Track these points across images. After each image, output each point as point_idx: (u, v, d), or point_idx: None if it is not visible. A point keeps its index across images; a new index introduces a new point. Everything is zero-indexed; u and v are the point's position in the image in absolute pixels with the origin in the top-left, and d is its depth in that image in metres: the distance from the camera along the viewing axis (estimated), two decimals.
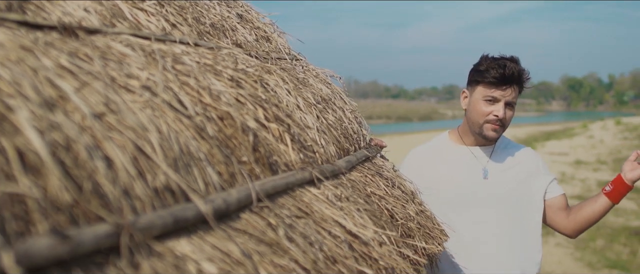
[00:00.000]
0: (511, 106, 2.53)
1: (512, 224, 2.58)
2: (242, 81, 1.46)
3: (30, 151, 0.76)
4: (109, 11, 1.39)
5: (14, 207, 0.68)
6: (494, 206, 2.58)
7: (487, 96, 2.50)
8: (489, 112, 2.51)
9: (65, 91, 0.90)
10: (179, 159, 1.01)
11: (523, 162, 2.70)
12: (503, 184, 2.61)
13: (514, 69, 2.47)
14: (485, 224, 2.56)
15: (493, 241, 2.55)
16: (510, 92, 2.49)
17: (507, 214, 2.58)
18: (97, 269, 0.73)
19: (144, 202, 0.88)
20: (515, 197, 2.61)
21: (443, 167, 2.68)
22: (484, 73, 2.50)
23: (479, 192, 2.60)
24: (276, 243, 1.07)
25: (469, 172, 2.64)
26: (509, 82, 2.47)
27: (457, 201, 2.60)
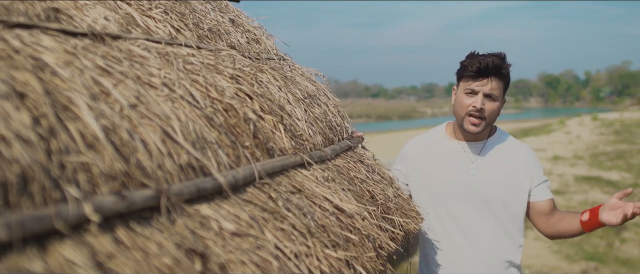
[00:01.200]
0: (491, 97, 2.55)
1: (494, 221, 2.64)
2: (240, 79, 1.68)
3: (89, 133, 0.98)
4: (124, 19, 1.61)
5: (84, 174, 0.91)
6: (477, 202, 2.63)
7: (467, 89, 2.57)
8: (468, 105, 2.56)
9: (107, 87, 1.12)
10: (196, 142, 1.23)
11: (513, 160, 2.71)
12: (489, 181, 2.65)
13: (491, 61, 2.52)
14: (468, 219, 2.64)
15: (473, 237, 2.62)
16: (488, 83, 2.53)
17: (491, 211, 2.63)
18: (145, 222, 0.95)
19: (173, 175, 1.10)
20: (500, 195, 2.64)
21: (434, 160, 2.75)
22: (464, 68, 2.58)
23: (464, 187, 2.65)
24: (276, 212, 1.30)
25: (457, 166, 2.69)
26: (485, 74, 2.51)
27: (443, 194, 2.67)
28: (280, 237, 1.22)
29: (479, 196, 2.63)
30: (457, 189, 2.66)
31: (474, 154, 2.71)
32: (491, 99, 2.56)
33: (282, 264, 1.13)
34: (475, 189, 2.64)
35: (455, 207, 2.65)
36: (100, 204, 0.86)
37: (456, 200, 2.65)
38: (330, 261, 1.33)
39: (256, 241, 1.13)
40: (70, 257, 0.75)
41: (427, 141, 2.87)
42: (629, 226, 13.67)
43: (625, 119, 40.50)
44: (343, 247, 1.42)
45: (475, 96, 2.55)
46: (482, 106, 2.54)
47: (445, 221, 2.67)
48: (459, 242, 2.64)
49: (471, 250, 2.63)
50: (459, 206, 2.65)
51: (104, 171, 0.93)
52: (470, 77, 2.55)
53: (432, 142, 2.84)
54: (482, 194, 2.63)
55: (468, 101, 2.57)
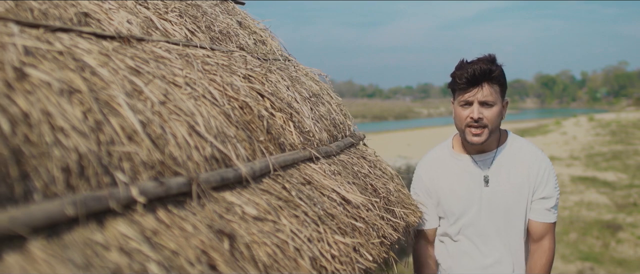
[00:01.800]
0: (487, 104, 2.49)
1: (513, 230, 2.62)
2: (252, 78, 1.81)
3: (128, 126, 1.10)
4: (145, 23, 1.73)
5: (128, 162, 1.03)
6: (495, 215, 2.61)
7: (461, 101, 2.52)
8: (465, 117, 2.52)
9: (139, 85, 1.25)
10: (217, 136, 1.36)
11: (526, 171, 2.63)
12: (503, 192, 2.61)
13: (478, 69, 2.46)
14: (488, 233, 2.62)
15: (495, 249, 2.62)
16: (479, 91, 2.47)
17: (509, 221, 2.61)
18: (180, 205, 1.08)
19: (200, 165, 1.23)
20: (516, 204, 2.61)
21: (447, 179, 2.69)
22: (454, 81, 2.54)
23: (479, 200, 2.61)
24: (290, 200, 1.43)
25: (470, 182, 2.65)
26: (476, 82, 2.46)
27: (461, 212, 2.64)
28: (294, 223, 1.35)
29: (495, 208, 2.60)
30: (472, 204, 2.62)
31: (486, 166, 2.65)
32: (487, 105, 2.50)
33: (298, 245, 1.26)
34: (491, 202, 2.60)
35: (474, 223, 2.62)
36: (143, 188, 0.99)
37: (474, 216, 2.62)
38: (339, 246, 1.46)
39: (275, 225, 1.26)
40: (124, 231, 0.88)
41: (437, 159, 2.79)
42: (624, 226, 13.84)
43: (622, 119, 40.77)
44: (350, 234, 1.55)
45: (471, 107, 2.50)
46: (480, 115, 2.48)
47: (466, 237, 2.65)
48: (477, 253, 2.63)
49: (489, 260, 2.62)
50: (478, 221, 2.62)
51: (144, 160, 1.06)
52: (462, 89, 2.51)
53: (443, 161, 2.76)
54: (495, 205, 2.60)
55: (464, 113, 2.52)
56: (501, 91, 2.57)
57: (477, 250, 2.64)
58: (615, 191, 17.18)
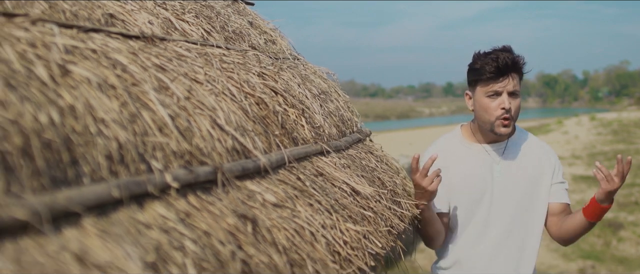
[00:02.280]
0: (515, 95, 2.50)
1: (522, 220, 2.63)
2: (266, 76, 1.91)
3: (158, 119, 1.20)
4: (164, 23, 1.83)
5: (160, 151, 1.13)
6: (505, 203, 2.61)
7: (489, 91, 2.48)
8: (495, 107, 2.48)
9: (166, 82, 1.34)
10: (237, 130, 1.46)
11: (537, 161, 2.67)
12: (514, 181, 2.62)
13: (507, 58, 2.45)
14: (497, 221, 2.62)
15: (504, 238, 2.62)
16: (510, 82, 2.46)
17: (519, 211, 2.62)
18: (207, 192, 1.18)
19: (222, 156, 1.32)
20: (527, 194, 2.63)
21: (457, 167, 2.66)
22: (479, 71, 2.50)
23: (489, 190, 2.62)
24: (305, 190, 1.53)
25: (482, 170, 2.64)
26: (505, 72, 2.46)
27: (471, 200, 2.63)
28: (309, 211, 1.44)
29: (506, 197, 2.61)
30: (483, 194, 2.62)
31: (497, 155, 2.65)
32: (515, 96, 2.51)
33: (313, 231, 1.35)
34: (502, 191, 2.61)
35: (484, 211, 2.62)
36: (175, 175, 1.08)
37: (484, 203, 2.62)
38: (351, 233, 1.55)
39: (292, 212, 1.36)
40: (161, 212, 0.97)
41: (447, 147, 2.75)
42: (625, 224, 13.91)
43: (623, 119, 40.81)
44: (360, 223, 1.65)
45: (500, 97, 2.48)
46: (510, 105, 2.48)
47: (474, 225, 2.64)
48: (489, 245, 2.62)
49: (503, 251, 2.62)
50: (488, 209, 2.62)
51: (174, 150, 1.16)
52: (490, 79, 2.47)
53: (453, 149, 2.73)
54: (509, 195, 2.61)
55: (494, 104, 2.49)
56: (520, 81, 2.57)
57: (486, 240, 2.62)
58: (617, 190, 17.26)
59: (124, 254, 0.80)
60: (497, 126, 2.51)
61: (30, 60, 1.01)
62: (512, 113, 2.50)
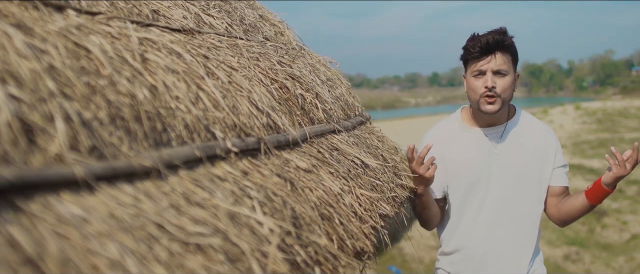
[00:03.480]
0: (500, 73, 2.53)
1: (521, 204, 2.66)
2: (284, 64, 2.19)
3: (212, 98, 1.48)
4: (195, 18, 2.10)
5: (218, 124, 1.41)
6: (503, 187, 2.64)
7: (474, 71, 2.56)
8: (480, 86, 2.54)
9: (211, 67, 1.62)
10: (268, 108, 1.74)
11: (537, 141, 2.70)
12: (513, 164, 2.65)
13: (491, 38, 2.51)
14: (496, 205, 2.65)
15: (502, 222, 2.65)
16: (494, 60, 2.51)
17: (517, 194, 2.65)
18: (254, 158, 1.46)
19: (261, 130, 1.61)
20: (525, 177, 2.65)
21: (456, 150, 2.71)
22: (466, 51, 2.59)
23: (488, 172, 2.65)
24: (325, 161, 1.82)
25: (480, 153, 2.68)
26: (489, 51, 2.51)
27: (469, 184, 2.67)
28: (330, 177, 1.74)
29: (504, 179, 2.64)
30: (483, 176, 2.66)
31: (496, 138, 2.68)
32: (500, 75, 2.53)
33: (336, 194, 1.65)
34: (500, 174, 2.64)
35: (481, 194, 2.66)
36: (233, 143, 1.37)
37: (482, 187, 2.66)
38: (363, 198, 1.85)
39: (318, 177, 1.65)
40: (228, 170, 1.26)
41: (446, 131, 2.81)
42: (609, 212, 14.35)
43: (608, 108, 41.54)
44: (371, 190, 1.94)
45: (484, 76, 2.54)
46: (493, 84, 2.51)
47: (473, 209, 2.68)
48: (488, 229, 2.66)
49: (495, 234, 2.65)
50: (486, 193, 2.65)
51: (228, 123, 1.44)
52: (475, 59, 2.55)
53: (451, 133, 2.79)
54: (507, 178, 2.64)
55: (478, 83, 2.55)
56: (513, 61, 2.60)
57: (486, 223, 2.66)
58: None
59: (214, 196, 1.08)
60: (482, 104, 2.55)
61: (119, 50, 1.29)
62: (497, 91, 2.52)
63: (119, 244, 0.79)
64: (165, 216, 0.94)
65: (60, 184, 0.83)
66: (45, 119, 0.89)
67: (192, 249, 0.91)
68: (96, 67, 1.13)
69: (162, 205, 0.97)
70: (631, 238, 12.91)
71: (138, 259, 0.79)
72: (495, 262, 2.65)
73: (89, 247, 0.75)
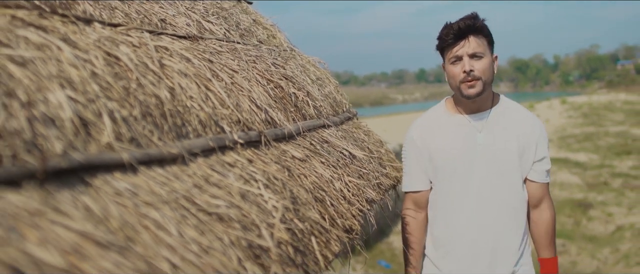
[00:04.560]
0: (477, 56, 2.55)
1: (507, 190, 2.64)
2: (278, 65, 2.43)
3: (219, 97, 1.71)
4: (197, 25, 2.33)
5: (225, 119, 1.65)
6: (487, 172, 2.63)
7: (451, 57, 2.58)
8: (459, 72, 2.56)
9: (215, 70, 1.86)
10: (266, 106, 1.98)
11: (522, 132, 2.67)
12: (497, 149, 2.63)
13: (462, 23, 2.56)
14: (480, 191, 2.63)
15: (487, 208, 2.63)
16: (467, 44, 2.54)
17: (502, 180, 2.63)
18: (256, 148, 1.70)
19: (261, 125, 1.85)
20: (509, 162, 2.63)
21: (440, 138, 2.71)
22: (441, 40, 2.62)
23: (471, 158, 2.64)
24: (317, 152, 2.06)
25: (464, 139, 2.67)
26: (462, 36, 2.54)
27: (453, 170, 2.66)
28: (322, 166, 1.98)
29: (488, 165, 2.63)
30: (466, 162, 2.65)
31: (479, 124, 2.67)
32: (477, 57, 2.55)
33: (327, 180, 1.89)
34: (484, 160, 2.63)
35: (466, 181, 2.65)
36: (239, 136, 1.61)
37: (466, 173, 2.65)
38: (351, 185, 2.09)
39: (311, 165, 1.89)
40: (236, 158, 1.50)
41: (429, 120, 2.82)
42: (595, 204, 14.70)
43: (593, 102, 42.14)
44: (358, 178, 2.19)
45: (461, 61, 2.56)
46: (471, 67, 2.53)
47: (457, 196, 2.67)
48: (474, 215, 2.64)
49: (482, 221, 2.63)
50: (470, 179, 2.64)
51: (233, 119, 1.68)
52: (450, 46, 2.58)
53: (436, 121, 2.79)
54: (491, 164, 2.62)
55: (456, 69, 2.57)
56: (489, 43, 2.62)
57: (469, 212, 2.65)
58: (587, 171, 18.13)
59: (227, 178, 1.32)
60: (463, 89, 2.58)
61: (141, 57, 1.52)
62: (476, 73, 2.54)
63: (160, 212, 1.03)
64: (191, 192, 1.18)
65: (112, 166, 1.07)
66: (95, 115, 1.13)
67: (214, 218, 1.15)
68: (126, 72, 1.36)
69: (188, 184, 1.21)
70: (616, 230, 13.24)
71: (175, 224, 1.03)
72: (480, 252, 2.63)
73: (139, 212, 0.99)
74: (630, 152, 20.21)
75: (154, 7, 2.15)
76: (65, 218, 0.82)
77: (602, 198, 14.95)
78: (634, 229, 12.66)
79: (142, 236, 0.93)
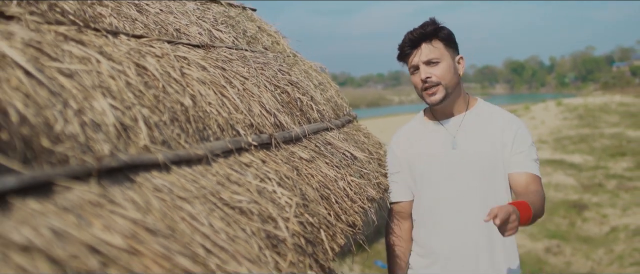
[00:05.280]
0: (432, 63, 2.55)
1: (482, 193, 2.59)
2: (283, 71, 2.59)
3: (232, 103, 1.87)
4: (208, 33, 2.49)
5: (240, 123, 1.81)
6: (462, 177, 2.61)
7: (410, 67, 2.61)
8: (418, 81, 2.58)
9: (228, 77, 2.02)
10: (274, 110, 2.14)
11: (496, 131, 2.63)
12: (471, 153, 2.60)
13: (415, 31, 2.57)
14: (456, 196, 2.61)
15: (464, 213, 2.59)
16: (420, 53, 2.55)
17: (477, 184, 2.59)
18: (267, 150, 1.86)
19: (271, 128, 2.01)
20: (485, 165, 2.58)
21: (416, 144, 2.73)
22: (398, 52, 2.65)
23: (447, 163, 2.63)
24: (321, 153, 2.22)
25: (438, 145, 2.67)
26: (415, 44, 2.56)
27: (429, 175, 2.66)
28: (326, 167, 2.14)
29: (462, 170, 2.61)
30: (441, 167, 2.65)
31: (454, 129, 2.67)
32: (433, 63, 2.55)
33: (332, 180, 2.05)
34: (458, 164, 2.61)
35: (444, 187, 2.64)
36: (253, 138, 1.77)
37: (444, 180, 2.64)
38: (353, 184, 2.25)
39: (317, 166, 2.05)
40: (251, 158, 1.66)
41: (408, 129, 2.86)
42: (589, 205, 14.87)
43: (589, 104, 42.33)
44: (359, 177, 2.35)
45: (418, 70, 2.57)
46: (427, 74, 2.54)
47: (438, 203, 2.66)
48: (456, 221, 2.62)
49: (463, 226, 2.60)
50: (448, 185, 2.63)
51: (246, 123, 1.84)
52: (407, 56, 2.60)
53: (413, 130, 2.83)
54: (465, 168, 2.60)
55: (416, 78, 2.59)
56: (446, 46, 2.60)
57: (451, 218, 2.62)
58: (582, 173, 18.31)
59: (245, 177, 1.48)
60: (426, 97, 2.60)
61: (164, 66, 1.68)
62: (434, 80, 2.55)
63: (193, 205, 1.19)
64: (216, 189, 1.33)
65: (150, 166, 1.22)
66: (132, 121, 1.28)
67: (237, 212, 1.31)
68: (153, 81, 1.52)
69: (213, 182, 1.36)
70: (610, 231, 13.40)
71: (205, 216, 1.19)
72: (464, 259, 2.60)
73: (176, 205, 1.14)
74: (625, 153, 20.41)
75: (168, 18, 2.30)
76: (119, 208, 0.98)
77: (596, 199, 15.10)
78: (628, 230, 12.81)
79: (179, 225, 1.08)
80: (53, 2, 1.54)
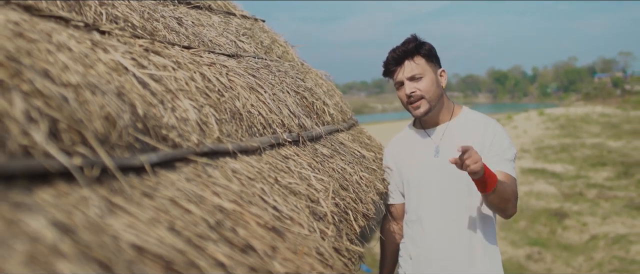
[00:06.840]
0: (415, 78, 2.69)
1: (465, 200, 2.69)
2: (300, 79, 2.94)
3: (266, 106, 2.21)
4: (232, 44, 2.83)
5: (270, 124, 2.15)
6: (445, 184, 2.70)
7: (395, 84, 2.77)
8: (404, 96, 2.73)
9: (260, 83, 2.36)
10: (298, 113, 2.48)
11: (476, 136, 2.71)
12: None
13: (398, 49, 2.72)
14: (440, 203, 2.72)
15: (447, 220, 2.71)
16: (404, 69, 2.69)
17: (459, 191, 2.68)
18: (296, 146, 2.20)
19: (297, 128, 2.35)
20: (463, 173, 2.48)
21: (405, 153, 2.90)
22: (383, 69, 2.81)
23: (430, 171, 2.75)
24: (337, 150, 2.57)
25: (422, 153, 2.80)
26: (398, 62, 2.71)
27: (415, 183, 2.81)
28: (343, 162, 2.49)
29: (445, 178, 2.69)
30: (424, 174, 2.77)
31: (438, 137, 2.79)
32: (416, 79, 2.68)
33: (348, 173, 2.40)
34: (440, 171, 2.70)
35: (428, 193, 2.75)
36: (287, 136, 2.11)
37: (428, 186, 2.75)
38: (364, 178, 2.60)
39: (335, 161, 2.40)
40: (283, 154, 2.00)
41: (400, 138, 3.03)
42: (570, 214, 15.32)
43: (571, 114, 43.04)
44: (369, 173, 2.70)
45: (403, 86, 2.71)
46: (412, 90, 2.67)
47: (423, 208, 2.78)
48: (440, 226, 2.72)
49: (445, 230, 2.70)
50: (432, 191, 2.74)
51: (278, 122, 2.18)
52: (391, 73, 2.76)
53: (403, 137, 3.00)
54: (446, 174, 2.66)
55: (401, 93, 2.74)
56: (427, 61, 2.73)
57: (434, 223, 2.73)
58: (563, 182, 18.76)
59: (288, 165, 1.83)
60: (411, 111, 2.76)
61: (215, 73, 2.02)
62: (418, 94, 2.69)
63: (259, 185, 1.53)
64: (271, 174, 1.68)
65: (224, 153, 1.57)
66: (205, 117, 1.63)
67: (289, 192, 1.65)
68: (212, 86, 1.86)
69: (267, 168, 1.71)
70: (590, 239, 13.80)
71: (269, 193, 1.53)
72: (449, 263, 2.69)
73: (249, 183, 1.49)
74: (606, 163, 20.92)
75: (202, 30, 2.64)
76: (217, 180, 1.32)
77: (577, 208, 15.50)
78: (608, 239, 13.21)
79: (254, 199, 1.43)
80: (124, 17, 1.88)
